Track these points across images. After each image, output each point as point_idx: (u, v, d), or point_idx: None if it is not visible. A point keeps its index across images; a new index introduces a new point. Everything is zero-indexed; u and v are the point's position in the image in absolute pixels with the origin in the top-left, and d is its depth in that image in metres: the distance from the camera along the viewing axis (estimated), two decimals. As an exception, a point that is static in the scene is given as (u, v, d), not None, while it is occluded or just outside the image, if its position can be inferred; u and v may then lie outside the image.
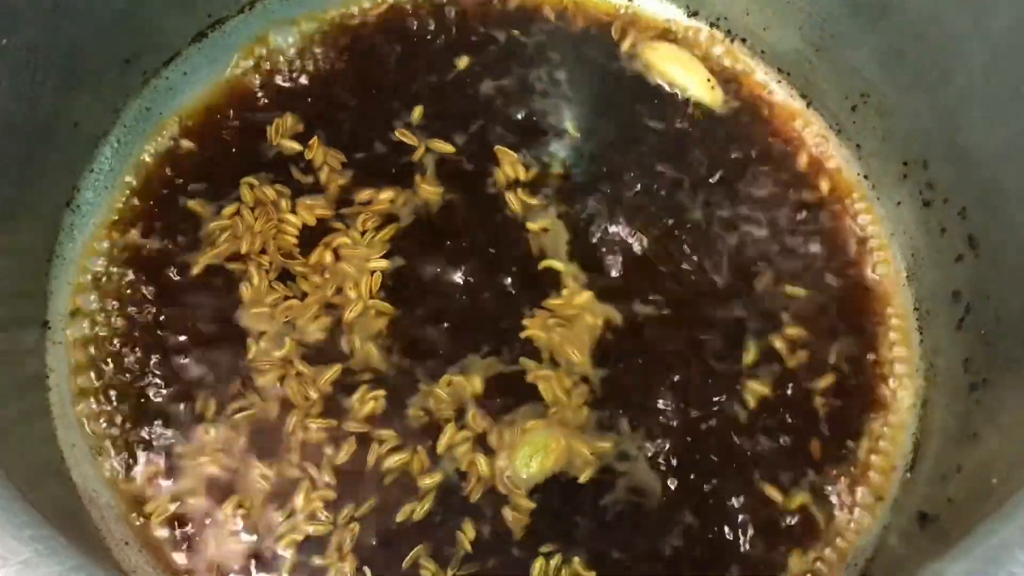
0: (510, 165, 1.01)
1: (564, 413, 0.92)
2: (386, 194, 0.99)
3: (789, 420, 0.94)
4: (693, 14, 1.11)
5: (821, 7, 1.03)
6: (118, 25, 0.96)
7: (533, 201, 1.00)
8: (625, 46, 1.08)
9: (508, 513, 0.89)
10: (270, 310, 0.94)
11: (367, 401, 0.92)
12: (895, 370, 0.98)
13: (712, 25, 1.11)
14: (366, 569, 0.87)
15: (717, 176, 1.03)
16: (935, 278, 0.98)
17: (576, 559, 0.88)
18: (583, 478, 0.90)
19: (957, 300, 0.94)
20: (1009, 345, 0.86)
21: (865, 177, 1.05)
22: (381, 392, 0.92)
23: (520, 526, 0.89)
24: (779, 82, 1.09)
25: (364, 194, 0.99)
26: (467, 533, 0.88)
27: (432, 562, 0.87)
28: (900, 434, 0.95)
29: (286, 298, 0.95)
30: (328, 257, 0.96)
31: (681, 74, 1.07)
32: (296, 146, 1.01)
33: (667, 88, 1.07)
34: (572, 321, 0.96)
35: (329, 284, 0.95)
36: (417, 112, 1.02)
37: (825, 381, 0.96)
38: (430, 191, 0.99)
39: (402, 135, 1.01)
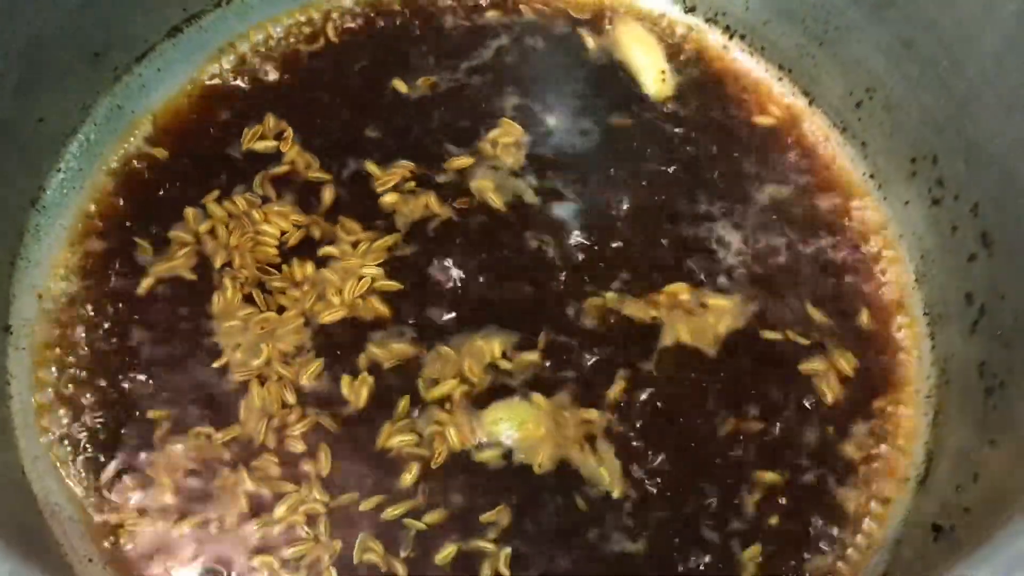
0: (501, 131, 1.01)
1: (566, 425, 0.89)
2: (391, 198, 0.97)
3: (789, 433, 0.91)
4: (690, 9, 1.09)
5: (826, -3, 1.02)
6: (85, 14, 0.94)
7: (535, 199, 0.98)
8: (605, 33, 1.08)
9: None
10: (242, 323, 0.91)
11: (358, 389, 0.89)
12: (905, 378, 0.95)
13: (709, 21, 1.09)
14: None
15: (714, 179, 1.01)
16: (946, 280, 0.95)
17: (504, 553, 0.85)
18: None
19: (970, 302, 0.91)
20: (1029, 345, 0.84)
21: (871, 176, 1.03)
22: (369, 378, 0.89)
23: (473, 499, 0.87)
24: (780, 79, 1.07)
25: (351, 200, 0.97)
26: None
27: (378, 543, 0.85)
28: (911, 444, 0.92)
29: (262, 311, 0.92)
30: (310, 269, 0.93)
31: (638, 58, 1.06)
32: (274, 143, 0.99)
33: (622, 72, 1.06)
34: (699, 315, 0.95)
35: (309, 296, 0.92)
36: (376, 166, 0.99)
37: (832, 393, 0.93)
38: (431, 200, 0.97)
39: (383, 186, 0.98)
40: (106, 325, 0.91)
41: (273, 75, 1.03)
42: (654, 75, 1.05)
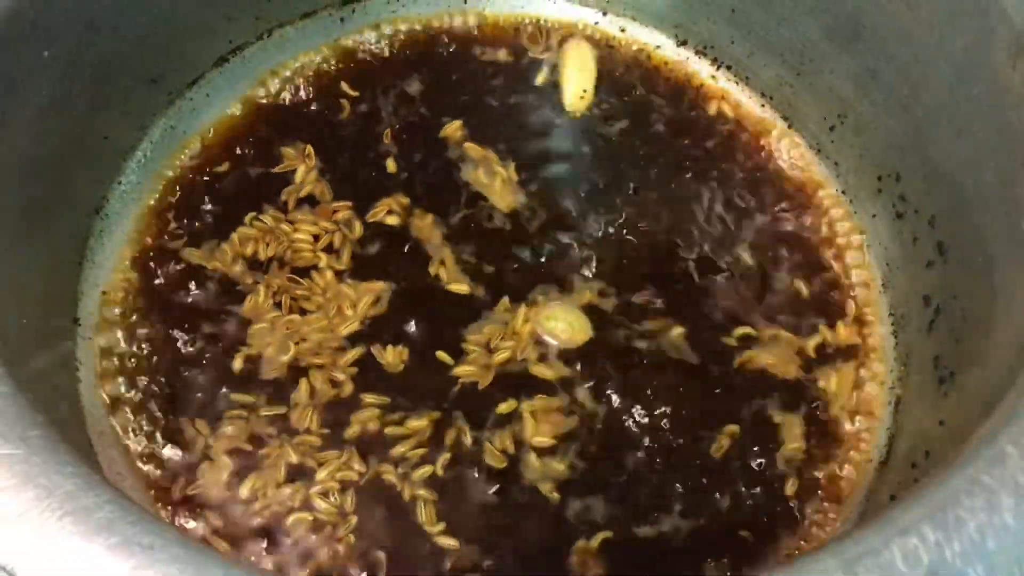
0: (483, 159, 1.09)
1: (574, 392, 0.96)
2: (392, 220, 1.05)
3: (767, 424, 0.97)
4: (682, 43, 1.17)
5: (800, 33, 1.07)
6: (145, 46, 1.01)
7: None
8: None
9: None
10: (269, 325, 0.98)
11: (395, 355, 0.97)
12: (873, 372, 1.01)
13: (699, 53, 1.17)
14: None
15: (699, 197, 1.08)
16: (908, 285, 1.01)
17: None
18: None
19: (928, 304, 0.97)
20: (975, 339, 0.88)
21: (843, 193, 1.09)
22: (403, 348, 0.97)
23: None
24: (763, 106, 1.14)
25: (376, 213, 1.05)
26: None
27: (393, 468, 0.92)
28: (876, 430, 0.98)
29: (287, 314, 0.99)
30: (330, 275, 1.01)
31: (571, 74, 1.14)
32: (302, 167, 1.07)
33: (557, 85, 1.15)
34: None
35: (332, 304, 0.99)
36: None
37: (810, 387, 0.99)
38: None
39: (373, 215, 1.05)
40: (161, 319, 0.98)
41: (307, 102, 1.11)
42: (576, 90, 1.13)
